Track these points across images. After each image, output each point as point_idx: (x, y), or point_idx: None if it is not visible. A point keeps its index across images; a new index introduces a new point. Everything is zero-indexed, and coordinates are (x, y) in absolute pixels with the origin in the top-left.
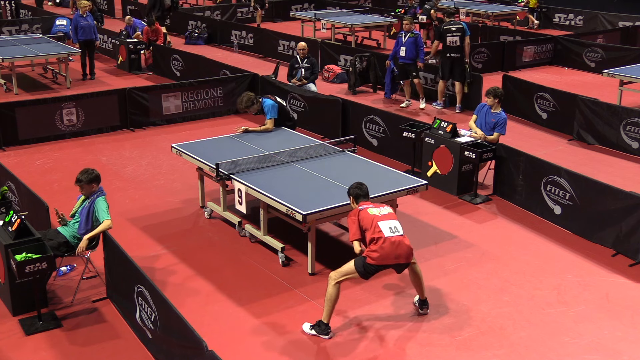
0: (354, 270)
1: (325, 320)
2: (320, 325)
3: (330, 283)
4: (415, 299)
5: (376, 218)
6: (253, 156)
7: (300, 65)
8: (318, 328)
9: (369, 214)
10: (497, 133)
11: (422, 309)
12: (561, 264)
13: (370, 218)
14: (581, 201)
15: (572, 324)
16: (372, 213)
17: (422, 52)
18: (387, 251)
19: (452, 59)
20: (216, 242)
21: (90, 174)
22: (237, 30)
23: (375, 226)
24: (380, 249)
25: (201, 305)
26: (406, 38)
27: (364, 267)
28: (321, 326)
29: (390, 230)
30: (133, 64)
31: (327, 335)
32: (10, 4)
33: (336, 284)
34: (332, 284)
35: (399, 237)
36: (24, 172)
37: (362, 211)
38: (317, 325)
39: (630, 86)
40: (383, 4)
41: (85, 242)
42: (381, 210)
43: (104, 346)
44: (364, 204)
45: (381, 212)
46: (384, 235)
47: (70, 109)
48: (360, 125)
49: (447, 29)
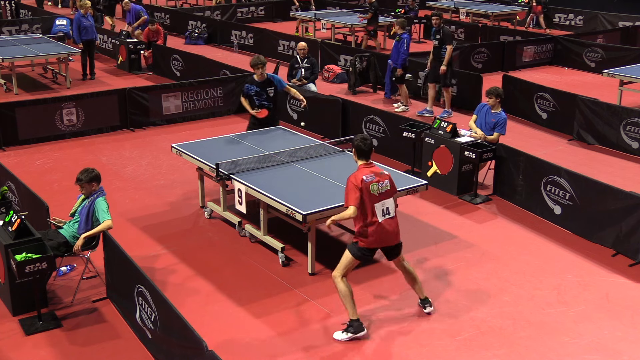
0: (352, 259)
1: (354, 317)
2: (353, 325)
3: (336, 282)
4: (419, 303)
5: (374, 199)
6: (253, 156)
7: (300, 65)
8: (351, 328)
9: (370, 192)
10: (497, 133)
11: (426, 308)
12: (561, 264)
13: (370, 196)
14: (581, 201)
15: (572, 324)
16: (373, 191)
17: (401, 57)
18: (378, 235)
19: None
20: (216, 242)
21: (90, 173)
22: (237, 30)
23: (372, 208)
24: (373, 233)
25: (201, 305)
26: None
27: (359, 250)
28: (353, 325)
29: (383, 214)
30: (133, 64)
31: (363, 331)
32: (10, 4)
33: (342, 279)
34: (338, 281)
35: (389, 220)
36: (24, 172)
37: (367, 184)
38: (350, 326)
39: (630, 86)
40: (383, 4)
41: (82, 240)
42: (381, 187)
43: (104, 346)
44: (366, 169)
45: (380, 191)
46: (377, 219)
47: (70, 109)
48: (360, 125)
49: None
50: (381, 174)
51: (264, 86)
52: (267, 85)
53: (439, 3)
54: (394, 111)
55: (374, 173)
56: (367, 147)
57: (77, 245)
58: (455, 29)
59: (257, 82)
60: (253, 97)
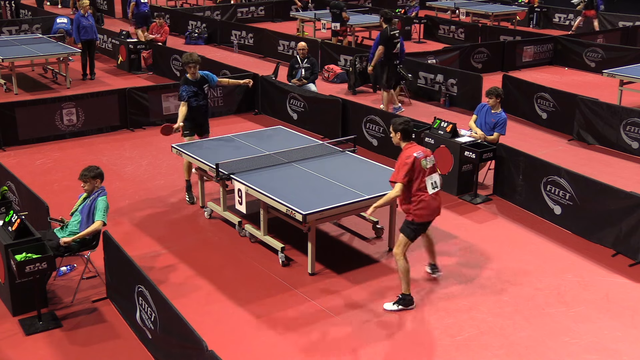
0: (407, 240)
1: (406, 292)
2: (405, 298)
3: (397, 259)
4: (427, 268)
5: (424, 173)
6: (253, 156)
7: (300, 65)
8: (402, 301)
9: (421, 166)
10: (497, 133)
11: (435, 273)
12: (561, 264)
13: (420, 171)
14: (581, 201)
15: (572, 324)
16: (423, 166)
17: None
18: (430, 208)
19: (396, 66)
20: (216, 242)
21: (95, 170)
22: (237, 30)
23: (422, 183)
24: (425, 207)
25: (201, 305)
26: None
27: (412, 230)
28: (405, 299)
29: (433, 187)
30: (133, 64)
31: (412, 305)
32: (10, 4)
33: (402, 257)
34: (399, 259)
35: (436, 193)
36: (24, 172)
37: (418, 160)
38: (402, 299)
39: (630, 86)
40: (383, 4)
41: (71, 240)
42: (428, 162)
43: (104, 346)
44: (413, 147)
45: (427, 165)
46: (427, 192)
47: (70, 109)
48: (360, 125)
49: (393, 35)
50: (426, 150)
51: (200, 85)
52: (202, 83)
53: (439, 3)
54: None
55: (421, 150)
56: (411, 128)
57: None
58: (455, 29)
59: (192, 81)
60: (190, 100)
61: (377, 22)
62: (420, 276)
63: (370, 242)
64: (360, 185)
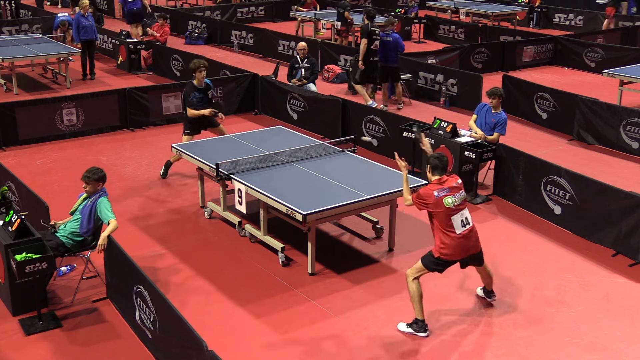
0: (423, 268)
1: (420, 317)
2: (417, 323)
3: (407, 281)
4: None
5: (450, 212)
6: (253, 156)
7: (300, 65)
8: (415, 326)
9: (443, 205)
10: (497, 133)
11: (491, 297)
12: (561, 264)
13: (444, 210)
14: (581, 201)
15: (572, 324)
16: (447, 205)
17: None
18: (458, 247)
19: (373, 63)
20: (216, 242)
21: (99, 172)
22: (237, 30)
23: (448, 221)
24: (452, 246)
25: (201, 305)
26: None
27: (434, 264)
28: (418, 323)
29: (463, 224)
30: (133, 64)
31: (424, 332)
32: (10, 4)
33: (413, 281)
34: (410, 280)
35: (468, 230)
36: (24, 172)
37: (438, 199)
38: (414, 323)
39: (630, 86)
40: (383, 4)
41: (105, 239)
42: (456, 198)
43: (104, 346)
44: (439, 184)
45: (456, 203)
46: (455, 232)
47: (70, 109)
48: (360, 125)
49: (373, 31)
50: (454, 186)
51: (205, 91)
52: (207, 89)
53: (439, 3)
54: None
55: (447, 186)
56: (443, 164)
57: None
58: (455, 29)
59: (199, 88)
60: (198, 105)
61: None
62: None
63: (370, 242)
64: (360, 185)
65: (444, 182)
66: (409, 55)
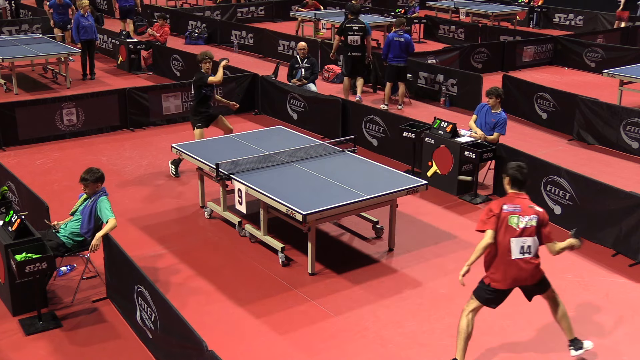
0: (476, 301)
1: (458, 357)
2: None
3: (462, 314)
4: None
5: (511, 232)
6: (253, 156)
7: (300, 65)
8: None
9: (506, 222)
10: (497, 133)
11: (575, 350)
12: (561, 264)
13: (505, 228)
14: (581, 201)
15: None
16: (512, 223)
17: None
18: (509, 274)
19: (353, 58)
20: (216, 242)
21: (96, 173)
22: (237, 30)
23: (507, 243)
24: (502, 271)
25: (201, 305)
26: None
27: (486, 293)
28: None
29: (521, 251)
30: (133, 64)
31: None
32: (10, 4)
33: (468, 314)
34: (464, 314)
35: (527, 258)
36: (24, 172)
37: (504, 214)
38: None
39: (630, 86)
40: (383, 4)
41: (100, 239)
42: (523, 220)
43: (104, 346)
44: (512, 200)
45: (520, 225)
46: (511, 256)
47: (70, 109)
48: (360, 125)
49: (349, 27)
50: (529, 208)
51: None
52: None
53: (439, 3)
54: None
55: (521, 205)
56: (522, 177)
57: (93, 245)
58: (455, 29)
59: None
60: (207, 96)
61: (377, 22)
62: (421, 278)
63: (370, 242)
64: (360, 185)
65: (518, 199)
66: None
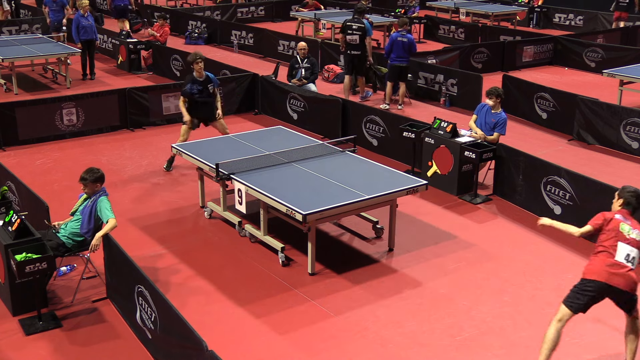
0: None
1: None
2: None
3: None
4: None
5: (621, 237)
6: (253, 156)
7: (300, 65)
8: None
9: (617, 228)
10: (497, 133)
11: None
12: (561, 264)
13: (615, 232)
14: (581, 201)
15: (572, 324)
16: (622, 230)
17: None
18: (605, 269)
19: (352, 56)
20: (216, 242)
21: (96, 173)
22: (237, 30)
23: (614, 243)
24: (599, 265)
25: (201, 305)
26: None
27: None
28: None
29: (625, 257)
30: (133, 64)
31: None
32: (10, 4)
33: (557, 323)
34: (553, 322)
35: (627, 266)
36: (24, 172)
37: (617, 220)
38: None
39: (630, 86)
40: (383, 4)
41: (100, 239)
42: (633, 231)
43: (104, 346)
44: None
45: (630, 234)
46: (614, 256)
47: (70, 109)
48: (360, 125)
49: (349, 25)
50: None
51: (205, 84)
52: (207, 82)
53: (439, 3)
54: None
55: (632, 221)
56: (636, 203)
57: (93, 245)
58: (455, 29)
59: (198, 80)
60: (195, 96)
61: (377, 22)
62: (421, 278)
63: (370, 242)
64: (360, 185)
65: (630, 217)
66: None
